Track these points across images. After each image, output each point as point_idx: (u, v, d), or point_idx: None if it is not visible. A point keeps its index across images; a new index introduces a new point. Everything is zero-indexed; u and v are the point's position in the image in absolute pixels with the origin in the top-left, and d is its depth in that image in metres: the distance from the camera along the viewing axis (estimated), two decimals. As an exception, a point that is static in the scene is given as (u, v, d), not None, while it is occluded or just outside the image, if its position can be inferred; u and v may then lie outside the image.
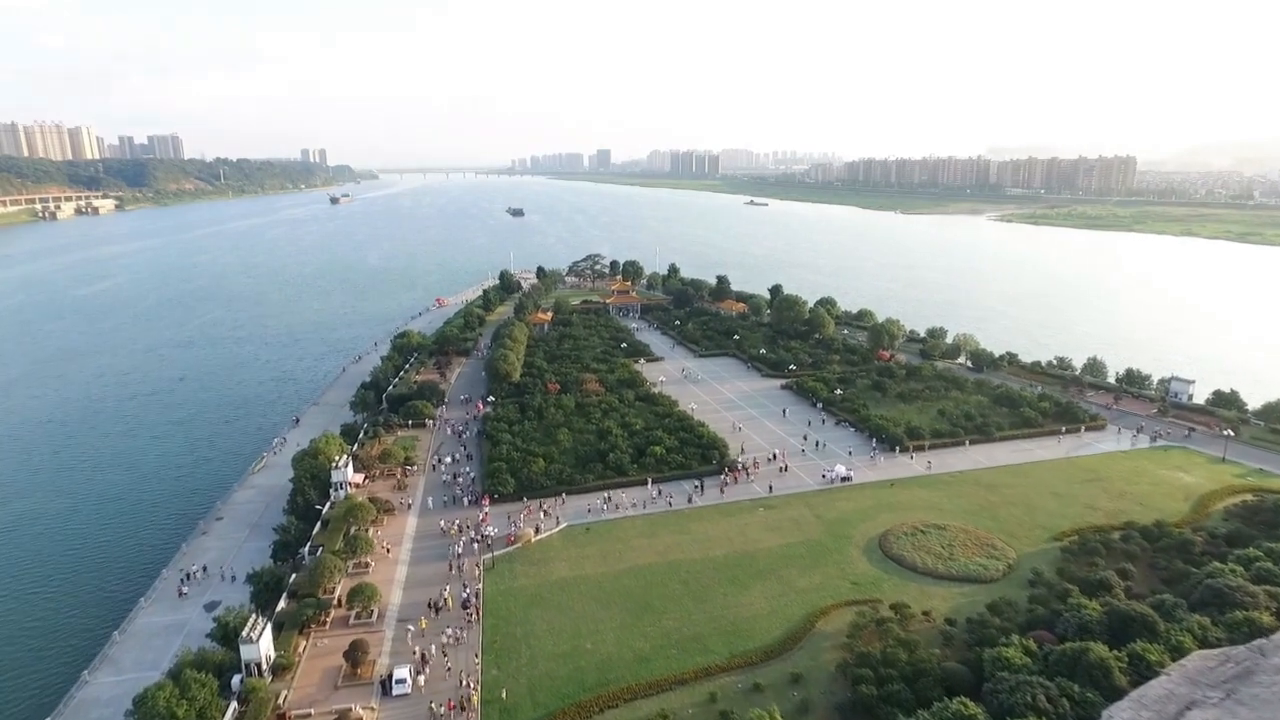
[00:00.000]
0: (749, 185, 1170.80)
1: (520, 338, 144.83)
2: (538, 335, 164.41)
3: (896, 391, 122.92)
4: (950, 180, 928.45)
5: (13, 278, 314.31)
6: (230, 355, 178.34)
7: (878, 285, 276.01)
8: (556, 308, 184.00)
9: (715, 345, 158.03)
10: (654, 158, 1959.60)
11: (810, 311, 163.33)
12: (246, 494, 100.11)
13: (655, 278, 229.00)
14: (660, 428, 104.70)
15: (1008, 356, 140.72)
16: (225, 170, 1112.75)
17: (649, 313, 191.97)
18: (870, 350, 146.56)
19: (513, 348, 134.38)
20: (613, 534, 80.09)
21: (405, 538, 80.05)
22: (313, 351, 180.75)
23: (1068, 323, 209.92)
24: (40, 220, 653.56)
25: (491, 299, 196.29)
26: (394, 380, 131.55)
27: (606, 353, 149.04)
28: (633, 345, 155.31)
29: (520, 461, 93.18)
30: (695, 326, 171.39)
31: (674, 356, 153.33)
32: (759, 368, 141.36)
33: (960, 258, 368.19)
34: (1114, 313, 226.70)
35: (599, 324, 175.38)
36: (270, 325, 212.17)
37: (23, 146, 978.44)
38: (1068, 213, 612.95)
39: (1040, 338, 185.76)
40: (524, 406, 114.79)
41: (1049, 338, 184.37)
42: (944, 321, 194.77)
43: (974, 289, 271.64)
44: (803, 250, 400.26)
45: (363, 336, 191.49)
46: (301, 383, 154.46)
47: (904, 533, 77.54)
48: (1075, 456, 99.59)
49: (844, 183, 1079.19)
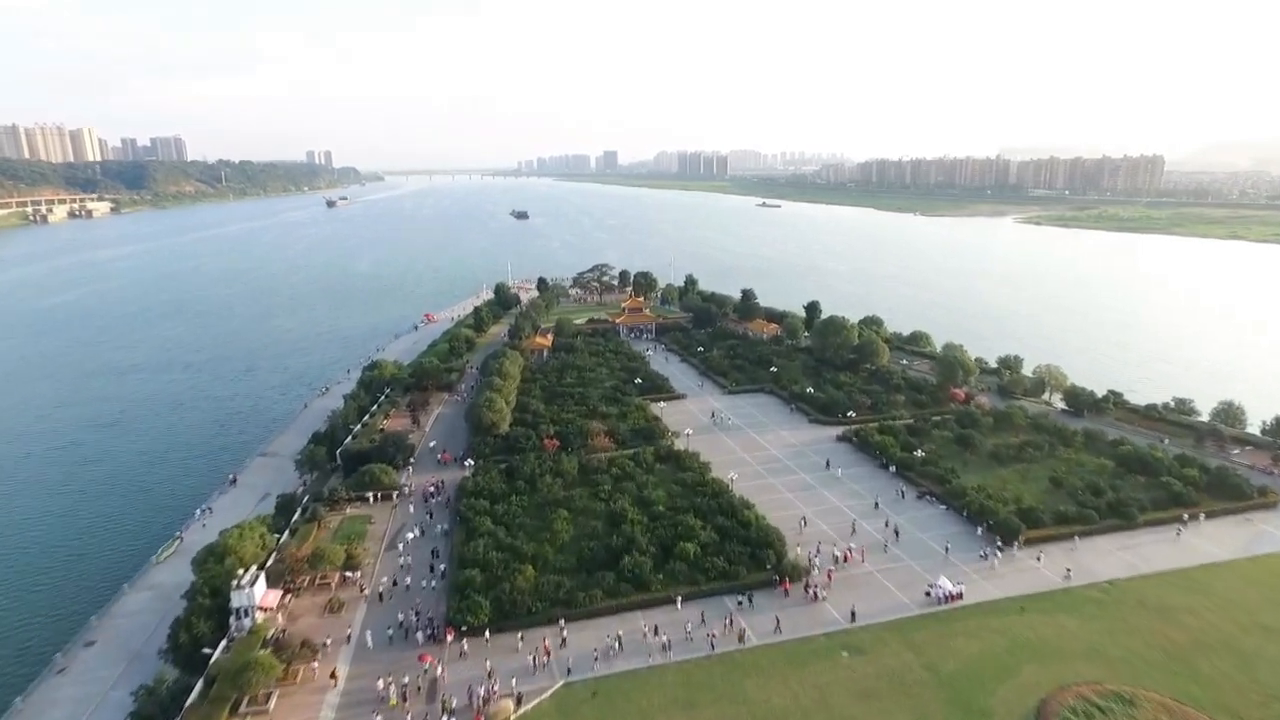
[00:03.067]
0: (759, 186, 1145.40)
1: (512, 372, 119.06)
2: (535, 365, 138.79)
3: (988, 449, 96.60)
4: (968, 181, 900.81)
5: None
6: (176, 386, 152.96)
7: (912, 297, 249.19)
8: (558, 329, 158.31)
9: (747, 378, 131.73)
10: (661, 159, 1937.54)
11: (860, 336, 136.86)
12: (137, 600, 74.82)
13: (671, 291, 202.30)
14: (691, 507, 78.90)
15: (1112, 397, 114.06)
16: (227, 172, 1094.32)
17: (665, 334, 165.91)
18: (939, 387, 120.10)
19: (501, 388, 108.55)
20: (630, 700, 54.23)
21: (325, 706, 54.35)
22: (274, 381, 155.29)
23: (1156, 347, 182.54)
24: (31, 224, 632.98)
25: (484, 317, 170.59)
26: (355, 428, 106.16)
27: (617, 389, 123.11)
28: (648, 378, 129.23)
29: (502, 567, 67.51)
30: (721, 353, 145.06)
31: (698, 393, 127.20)
32: (805, 410, 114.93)
33: (996, 264, 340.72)
34: (1205, 335, 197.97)
35: (608, 349, 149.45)
36: (233, 346, 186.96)
37: (24, 148, 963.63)
38: (1098, 214, 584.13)
39: (1129, 367, 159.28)
40: (512, 471, 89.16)
41: (1140, 367, 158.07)
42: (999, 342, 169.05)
43: (1023, 301, 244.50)
44: (821, 255, 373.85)
45: (336, 361, 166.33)
46: (252, 424, 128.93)
47: (1072, 710, 51.36)
48: (1259, 555, 73.12)
49: (857, 184, 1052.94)
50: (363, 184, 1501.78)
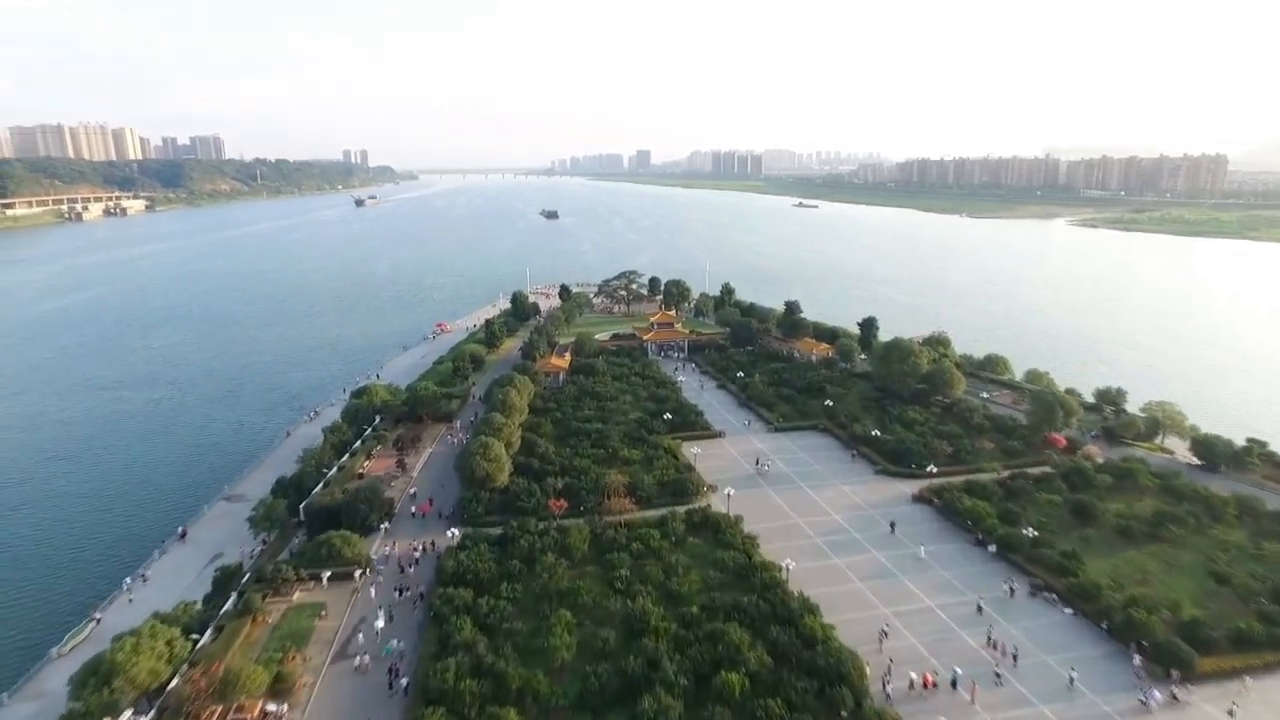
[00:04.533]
0: (794, 186, 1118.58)
1: (518, 404, 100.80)
2: (550, 389, 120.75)
3: (1112, 520, 75.70)
4: (1014, 181, 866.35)
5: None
6: (152, 409, 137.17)
7: (975, 310, 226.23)
8: (578, 346, 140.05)
9: (796, 411, 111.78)
10: (694, 158, 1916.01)
11: (930, 363, 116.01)
12: (15, 716, 58.04)
13: (705, 301, 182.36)
14: (735, 608, 59.80)
15: (1255, 447, 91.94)
16: (263, 171, 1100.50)
17: (699, 352, 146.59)
18: (1031, 429, 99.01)
19: (503, 427, 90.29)
20: None
21: None
22: (261, 402, 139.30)
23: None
24: (65, 221, 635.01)
25: (497, 331, 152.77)
26: (330, 471, 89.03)
27: (643, 424, 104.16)
28: (680, 410, 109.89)
29: (476, 709, 49.12)
30: (764, 379, 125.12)
31: (738, 429, 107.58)
32: (871, 459, 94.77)
33: (1059, 272, 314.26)
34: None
35: (634, 371, 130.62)
36: (226, 359, 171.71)
37: (68, 148, 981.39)
38: (1160, 217, 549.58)
39: (1255, 405, 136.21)
40: (506, 544, 70.96)
41: (1273, 405, 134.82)
42: (1083, 367, 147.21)
43: (1101, 317, 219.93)
44: (867, 260, 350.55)
45: (334, 379, 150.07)
46: (224, 457, 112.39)
47: None
48: None
49: (896, 184, 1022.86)
50: (396, 183, 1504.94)
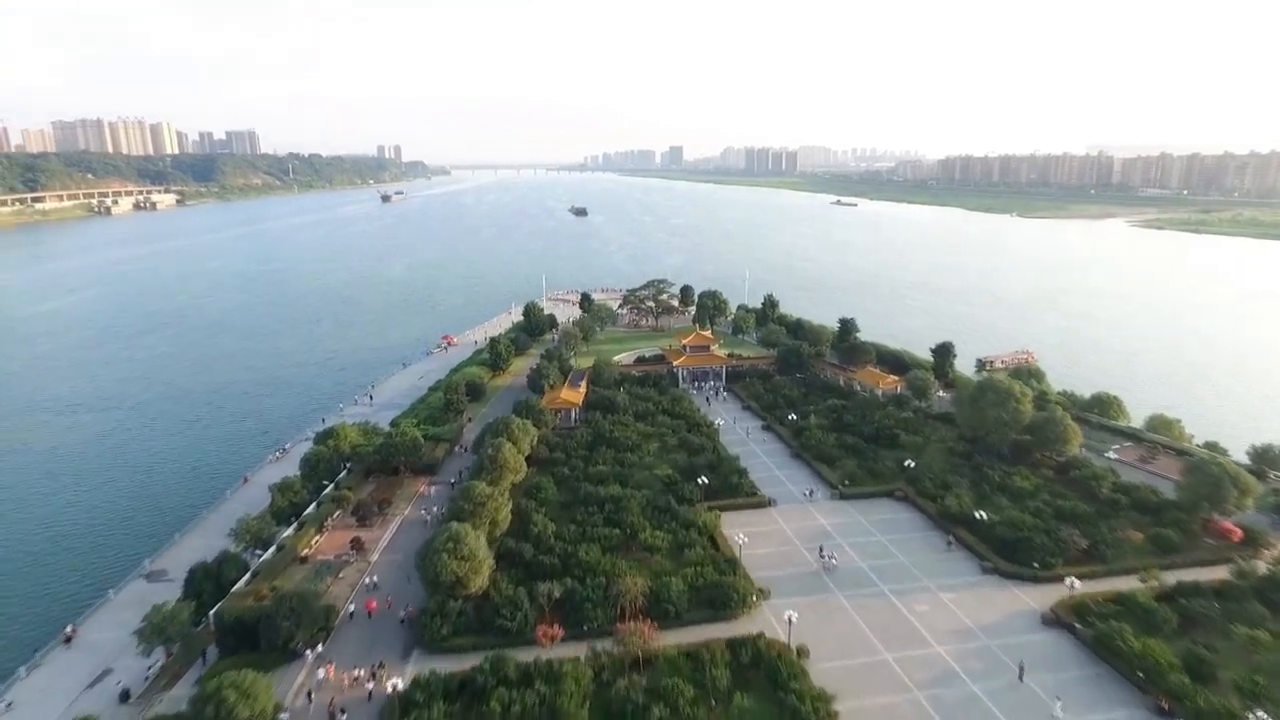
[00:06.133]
0: (831, 183, 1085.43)
1: (513, 461, 79.04)
2: (560, 429, 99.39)
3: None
4: (1064, 179, 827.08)
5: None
6: (100, 443, 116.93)
7: (1045, 325, 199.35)
8: (596, 373, 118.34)
9: (865, 469, 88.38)
10: (727, 154, 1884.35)
11: (1037, 410, 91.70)
12: None
13: (745, 318, 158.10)
14: None
15: None
16: (295, 165, 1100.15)
17: (739, 380, 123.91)
18: (1188, 509, 74.57)
19: (487, 501, 68.53)
20: None
21: None
22: (224, 435, 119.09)
23: None
24: (94, 215, 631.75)
25: (503, 350, 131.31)
26: (261, 556, 68.50)
27: (671, 485, 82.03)
28: (719, 465, 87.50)
29: None
30: (823, 424, 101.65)
31: (793, 496, 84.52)
32: (974, 549, 71.21)
33: (1137, 280, 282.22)
34: None
35: (661, 408, 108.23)
36: (202, 376, 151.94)
37: (107, 142, 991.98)
38: (1232, 218, 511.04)
39: None
40: (474, 697, 49.48)
41: None
42: (1217, 416, 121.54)
43: (1201, 339, 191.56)
44: (917, 262, 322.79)
45: (317, 405, 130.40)
46: (156, 516, 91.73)
47: None
48: None
49: (938, 181, 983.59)
50: (428, 178, 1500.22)
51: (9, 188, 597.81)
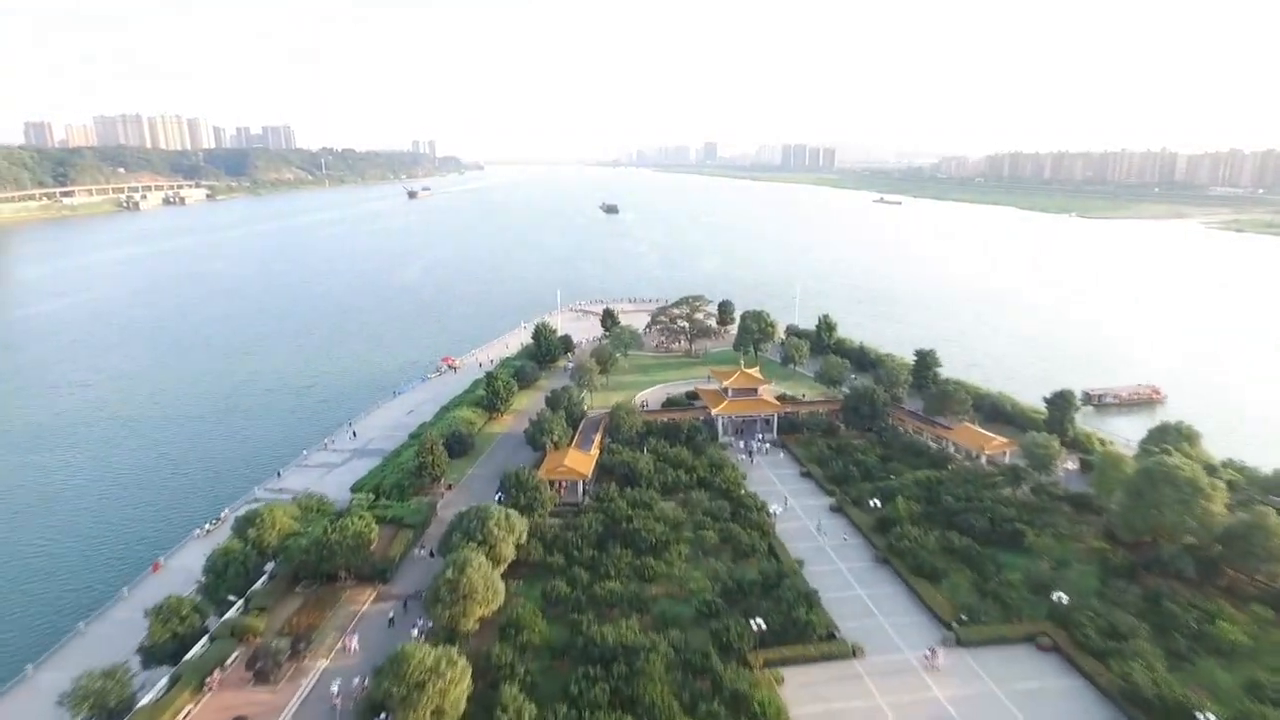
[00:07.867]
0: (870, 180, 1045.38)
1: (484, 582, 54.60)
2: (563, 509, 75.06)
3: None
4: (1123, 177, 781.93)
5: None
6: (20, 494, 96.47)
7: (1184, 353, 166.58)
8: (613, 423, 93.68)
9: (984, 592, 62.59)
10: (763, 150, 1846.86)
11: (1225, 507, 64.69)
12: None
13: (797, 345, 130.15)
14: None
15: None
16: (328, 160, 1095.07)
17: (795, 433, 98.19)
18: None
19: (439, 664, 44.44)
20: None
21: None
22: (153, 498, 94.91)
23: None
24: (123, 210, 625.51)
25: (500, 388, 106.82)
26: None
27: (708, 613, 57.39)
28: (777, 586, 62.32)
29: None
30: (912, 503, 75.73)
31: (884, 634, 59.06)
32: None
33: (1250, 296, 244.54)
34: None
35: (697, 479, 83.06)
36: (155, 410, 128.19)
37: (145, 136, 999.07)
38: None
39: None
40: None
41: None
42: None
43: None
44: (981, 271, 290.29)
45: (276, 453, 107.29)
46: (15, 632, 69.96)
47: None
48: None
49: (985, 178, 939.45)
50: (461, 173, 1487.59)
51: (39, 183, 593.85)
